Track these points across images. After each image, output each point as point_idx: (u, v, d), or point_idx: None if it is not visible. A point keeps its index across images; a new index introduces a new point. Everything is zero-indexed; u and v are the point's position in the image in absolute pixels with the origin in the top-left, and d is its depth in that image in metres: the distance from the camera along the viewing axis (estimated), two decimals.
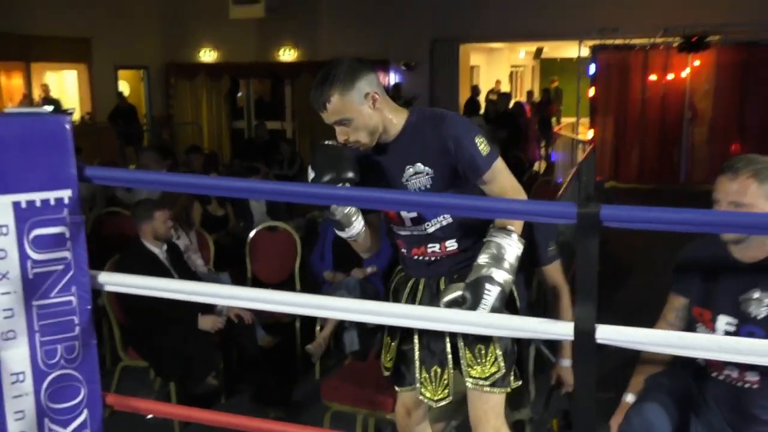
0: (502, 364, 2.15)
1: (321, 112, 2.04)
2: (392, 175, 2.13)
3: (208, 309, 3.88)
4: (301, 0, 12.86)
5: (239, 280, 4.58)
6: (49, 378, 1.86)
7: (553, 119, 14.80)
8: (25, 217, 1.78)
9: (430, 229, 2.17)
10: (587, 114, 11.78)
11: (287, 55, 13.71)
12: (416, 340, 2.24)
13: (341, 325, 4.22)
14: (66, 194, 1.82)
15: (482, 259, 1.93)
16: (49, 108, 1.85)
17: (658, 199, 10.07)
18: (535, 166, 11.31)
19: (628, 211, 1.65)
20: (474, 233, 2.14)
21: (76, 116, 13.23)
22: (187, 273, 4.03)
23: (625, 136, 11.55)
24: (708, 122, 11.10)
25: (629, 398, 2.35)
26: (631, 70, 11.25)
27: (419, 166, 2.07)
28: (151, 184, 1.82)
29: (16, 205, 1.77)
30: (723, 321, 2.08)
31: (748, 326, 2.02)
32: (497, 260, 1.91)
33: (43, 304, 1.83)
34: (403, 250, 2.28)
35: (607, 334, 1.57)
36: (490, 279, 1.89)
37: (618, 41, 10.97)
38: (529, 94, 15.86)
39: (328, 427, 3.38)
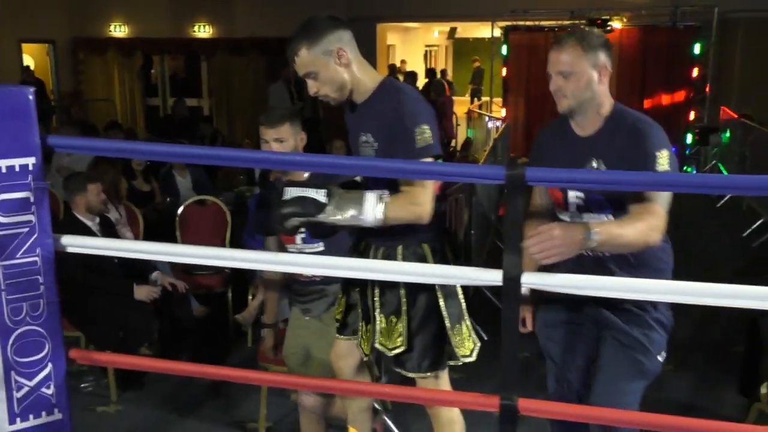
0: (406, 342, 2.24)
1: (293, 65, 2.14)
2: (353, 137, 2.25)
3: (143, 279, 3.96)
4: None
5: None
6: (15, 333, 1.97)
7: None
8: None
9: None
10: (500, 93, 12.24)
11: (203, 31, 13.51)
12: (365, 294, 2.36)
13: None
14: (30, 161, 1.93)
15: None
16: None
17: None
18: (453, 143, 11.70)
19: (549, 172, 1.92)
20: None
21: None
22: None
23: (536, 114, 12.08)
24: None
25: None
26: (541, 51, 11.75)
27: (369, 136, 2.15)
28: (117, 152, 1.94)
29: None
30: (573, 195, 2.22)
31: (592, 194, 2.17)
32: (347, 201, 1.96)
33: (9, 264, 1.93)
34: None
35: (531, 279, 1.82)
36: (329, 192, 1.94)
37: (528, 23, 11.43)
38: (443, 72, 16.24)
39: (265, 394, 3.53)
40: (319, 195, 1.92)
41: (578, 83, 2.17)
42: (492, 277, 1.81)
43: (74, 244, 2.05)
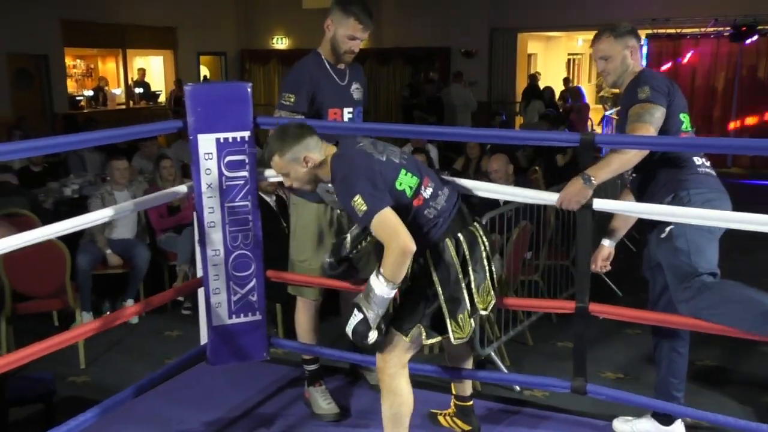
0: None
1: (268, 167, 2.65)
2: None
3: None
4: None
5: None
6: (233, 255, 2.83)
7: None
8: (222, 148, 2.75)
9: None
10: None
11: None
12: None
13: None
14: (246, 134, 2.78)
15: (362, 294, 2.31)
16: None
17: None
18: None
19: (616, 137, 2.55)
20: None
21: (162, 98, 14.51)
22: None
23: None
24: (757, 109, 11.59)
25: (606, 243, 2.92)
26: (682, 58, 11.79)
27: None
28: None
29: (217, 140, 2.74)
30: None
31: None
32: (366, 296, 2.29)
33: (231, 206, 2.80)
34: None
35: (601, 204, 2.48)
36: (356, 305, 2.30)
37: (670, 30, 11.51)
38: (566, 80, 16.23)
39: None
40: (358, 316, 2.28)
41: (615, 63, 2.75)
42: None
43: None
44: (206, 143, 2.71)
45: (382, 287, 2.23)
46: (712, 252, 2.55)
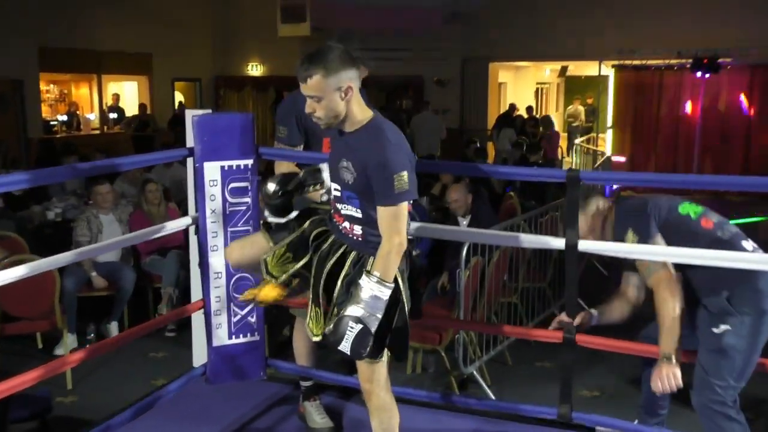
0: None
1: (301, 84, 2.25)
2: (334, 157, 2.34)
3: None
4: (341, 20, 14.03)
5: None
6: (234, 278, 2.96)
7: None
8: (227, 175, 2.89)
9: (344, 211, 2.34)
10: (605, 129, 12.77)
11: None
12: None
13: None
14: (250, 162, 2.93)
15: (350, 304, 2.15)
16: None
17: None
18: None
19: (601, 174, 2.74)
20: (377, 231, 2.26)
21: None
22: None
23: (641, 148, 12.53)
24: (719, 137, 12.06)
25: (594, 314, 2.87)
26: (647, 89, 12.26)
27: (350, 164, 2.25)
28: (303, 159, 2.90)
29: (222, 167, 2.89)
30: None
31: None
32: (354, 299, 2.14)
33: (234, 231, 2.93)
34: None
35: (587, 246, 2.63)
36: (350, 317, 2.11)
37: (636, 62, 11.97)
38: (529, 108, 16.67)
39: None
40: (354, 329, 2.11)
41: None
42: (556, 243, 2.64)
43: None
44: (212, 170, 2.85)
45: (378, 287, 2.13)
46: (752, 367, 2.63)
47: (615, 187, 8.02)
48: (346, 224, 2.33)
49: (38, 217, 6.24)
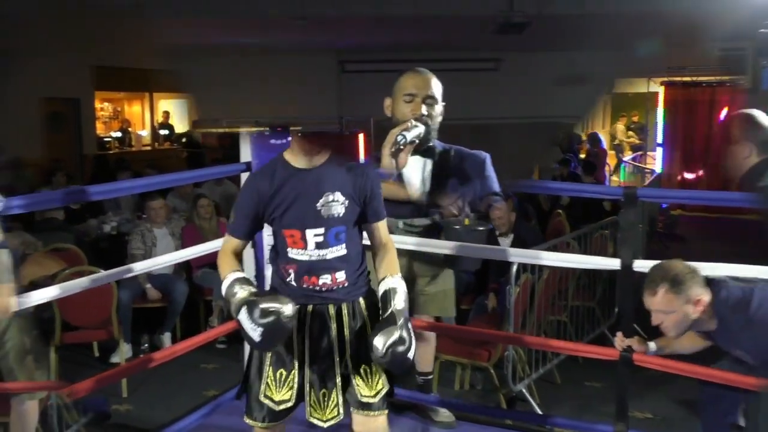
0: (386, 381, 2.20)
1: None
2: (305, 201, 2.11)
3: None
4: None
5: None
6: None
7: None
8: None
9: (329, 256, 2.13)
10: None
11: None
12: (305, 366, 2.17)
13: None
14: None
15: (395, 306, 2.05)
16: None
17: (721, 226, 10.45)
18: None
19: (656, 191, 2.73)
20: (358, 267, 2.19)
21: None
22: None
23: (692, 167, 12.30)
24: None
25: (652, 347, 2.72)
26: (697, 106, 12.05)
27: (337, 195, 2.11)
28: None
29: None
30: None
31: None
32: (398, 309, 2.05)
33: None
34: (287, 278, 2.16)
35: (641, 264, 2.60)
36: (407, 319, 2.04)
37: (686, 78, 11.80)
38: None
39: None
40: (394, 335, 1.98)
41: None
42: (611, 263, 2.62)
43: None
44: None
45: (404, 285, 2.13)
46: None
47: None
48: (327, 278, 2.13)
49: (95, 231, 6.44)
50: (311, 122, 11.03)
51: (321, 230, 2.10)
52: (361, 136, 2.49)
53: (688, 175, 11.97)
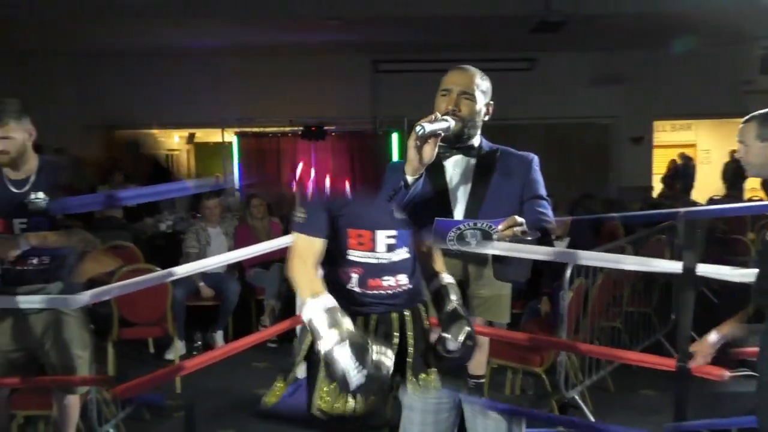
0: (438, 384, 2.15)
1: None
2: (377, 202, 2.10)
3: None
4: None
5: None
6: None
7: None
8: None
9: (395, 258, 2.10)
10: None
11: None
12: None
13: None
14: None
15: (455, 301, 2.12)
16: None
17: None
18: None
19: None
20: (415, 271, 2.18)
21: None
22: None
23: None
24: None
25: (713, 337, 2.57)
26: (268, 153, 11.59)
27: None
28: None
29: None
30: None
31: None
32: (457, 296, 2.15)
33: None
34: (349, 283, 2.09)
35: (703, 269, 2.53)
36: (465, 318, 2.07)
37: (255, 129, 11.51)
38: None
39: None
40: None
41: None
42: (672, 266, 2.56)
43: None
44: None
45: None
46: None
47: None
48: (391, 281, 2.08)
49: (151, 229, 6.59)
50: (345, 122, 11.18)
51: (393, 232, 2.06)
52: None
53: None
